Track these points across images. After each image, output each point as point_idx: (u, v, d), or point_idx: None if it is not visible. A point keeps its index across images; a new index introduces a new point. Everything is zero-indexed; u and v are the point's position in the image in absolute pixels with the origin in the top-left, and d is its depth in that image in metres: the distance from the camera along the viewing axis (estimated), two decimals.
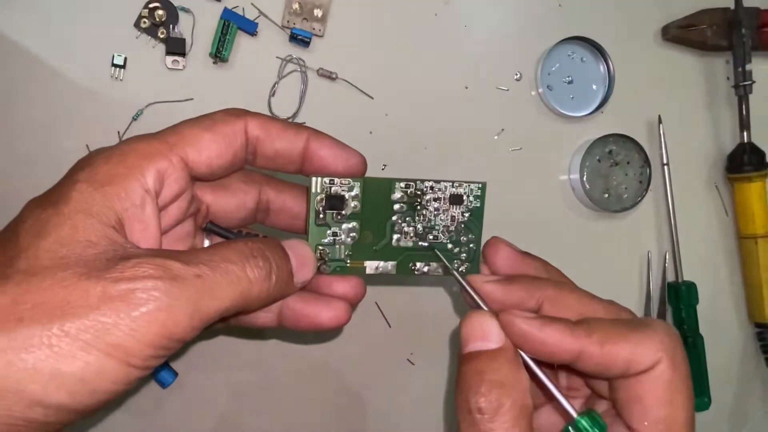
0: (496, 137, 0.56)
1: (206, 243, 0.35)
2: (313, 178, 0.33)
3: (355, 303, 0.35)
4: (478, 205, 0.36)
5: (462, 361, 0.29)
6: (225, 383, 0.50)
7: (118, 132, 0.48)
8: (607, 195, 0.58)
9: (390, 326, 0.54)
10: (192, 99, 0.49)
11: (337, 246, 0.34)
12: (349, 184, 0.33)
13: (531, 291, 0.32)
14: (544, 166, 0.57)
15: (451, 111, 0.55)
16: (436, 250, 0.35)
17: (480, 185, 0.36)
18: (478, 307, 0.32)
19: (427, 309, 0.54)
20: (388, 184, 0.34)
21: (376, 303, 0.53)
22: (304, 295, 0.34)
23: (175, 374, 0.49)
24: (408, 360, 0.54)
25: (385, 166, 0.53)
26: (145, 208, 0.28)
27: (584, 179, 0.56)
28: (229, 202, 0.34)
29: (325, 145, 0.33)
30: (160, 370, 0.48)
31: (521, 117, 0.57)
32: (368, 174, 0.35)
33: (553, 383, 0.29)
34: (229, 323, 0.35)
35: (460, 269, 0.36)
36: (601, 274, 0.56)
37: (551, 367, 0.34)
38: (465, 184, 0.35)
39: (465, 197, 0.35)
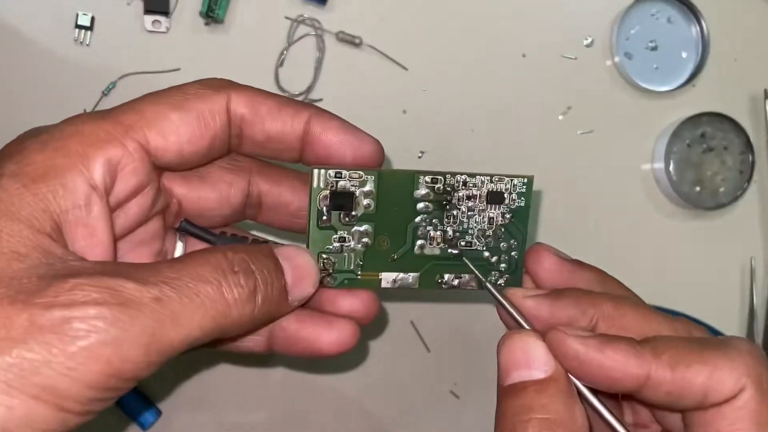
0: (560, 117, 0.55)
1: (179, 247, 0.35)
2: (315, 171, 0.32)
3: (364, 322, 0.35)
4: (522, 204, 0.35)
5: (502, 396, 0.29)
6: (217, 425, 0.49)
7: (84, 110, 0.45)
8: (699, 188, 0.56)
9: (429, 350, 0.53)
10: (178, 69, 0.47)
11: (346, 254, 0.34)
12: (360, 178, 0.33)
13: (583, 307, 0.32)
14: (621, 154, 0.56)
15: (504, 85, 0.54)
16: (464, 259, 0.35)
17: (525, 180, 0.35)
18: (519, 327, 0.32)
19: (475, 330, 0.53)
20: (410, 178, 0.34)
21: (411, 322, 0.52)
22: (301, 313, 0.34)
23: (158, 413, 0.48)
24: (452, 392, 0.53)
25: (422, 153, 0.52)
26: (91, 208, 0.27)
27: (671, 169, 0.55)
28: (209, 195, 0.34)
29: (331, 129, 0.33)
30: (140, 408, 0.47)
31: (592, 92, 0.55)
32: (401, 165, 0.35)
33: (616, 418, 0.29)
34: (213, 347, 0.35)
35: (498, 282, 0.36)
36: (691, 287, 0.55)
37: (613, 397, 0.34)
38: (506, 179, 0.35)
39: (506, 194, 0.35)
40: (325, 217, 0.33)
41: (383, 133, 0.35)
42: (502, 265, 0.36)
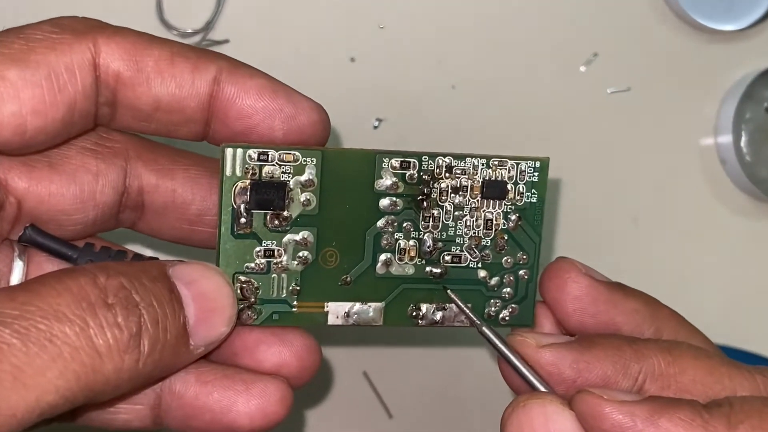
0: (582, 69, 0.56)
1: (17, 268, 0.34)
2: (228, 150, 0.33)
3: (299, 382, 0.35)
4: (534, 199, 0.36)
5: None
6: None
7: None
8: None
9: (391, 416, 0.53)
10: None
11: (275, 275, 0.34)
12: (296, 161, 0.33)
13: (624, 361, 0.33)
14: (671, 122, 0.57)
15: (499, 20, 0.54)
16: (447, 291, 0.36)
17: (537, 164, 0.36)
18: (532, 389, 0.32)
19: (459, 387, 0.54)
20: (370, 161, 0.34)
21: (364, 374, 0.53)
22: (203, 369, 0.34)
23: None
24: None
25: (379, 121, 0.52)
26: None
27: (742, 144, 0.56)
28: (64, 191, 0.34)
29: (251, 90, 0.34)
30: None
31: (629, 32, 0.56)
32: (348, 141, 0.37)
33: None
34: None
35: (500, 316, 0.37)
36: None
37: None
38: (510, 163, 0.36)
39: (510, 185, 0.36)
40: (243, 220, 0.33)
41: (321, 92, 0.36)
42: (506, 290, 0.36)
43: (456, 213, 0.35)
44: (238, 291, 0.34)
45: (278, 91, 0.34)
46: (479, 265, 0.36)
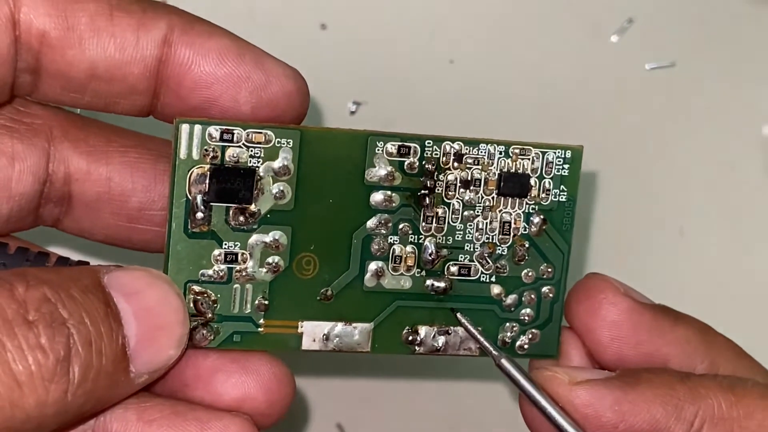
0: (614, 39, 0.56)
1: None
2: (183, 126, 0.33)
3: (266, 421, 0.35)
4: (564, 198, 0.37)
5: None
6: None
7: None
8: None
9: None
10: None
11: (238, 285, 0.35)
12: (268, 142, 0.34)
13: (677, 402, 0.33)
14: (726, 107, 0.57)
15: None
16: (457, 315, 0.36)
17: (568, 153, 0.37)
18: None
19: (465, 428, 0.54)
20: (360, 144, 0.35)
21: (338, 426, 0.53)
22: (149, 404, 0.34)
23: None
24: None
25: (357, 105, 0.53)
26: None
27: None
28: None
29: (211, 52, 0.34)
30: None
31: None
32: (323, 122, 0.37)
33: None
34: None
35: (519, 344, 0.37)
36: None
37: None
38: (535, 151, 0.37)
39: (534, 180, 0.37)
40: (200, 215, 0.34)
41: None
42: (526, 311, 0.37)
43: (465, 213, 0.36)
44: (191, 305, 0.34)
45: (245, 53, 0.34)
46: (493, 279, 0.37)
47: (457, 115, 0.53)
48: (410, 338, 0.36)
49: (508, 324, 0.37)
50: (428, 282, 0.36)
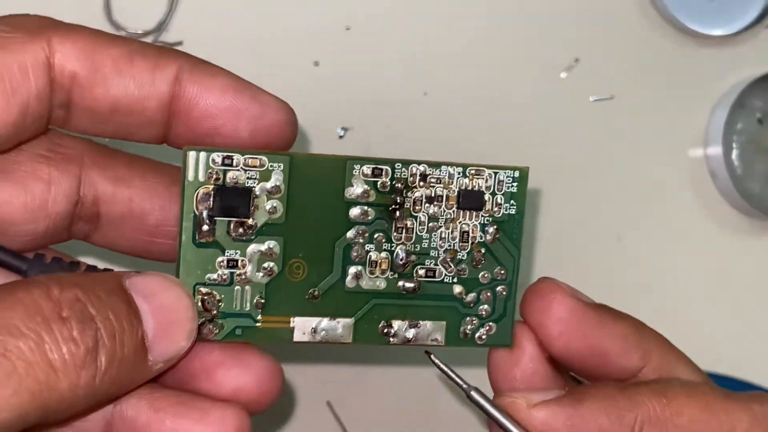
0: (563, 75, 0.57)
1: None
2: (191, 154, 0.33)
3: (258, 408, 0.35)
4: (513, 210, 0.37)
5: None
6: None
7: None
8: None
9: None
10: None
11: (239, 287, 0.34)
12: (262, 166, 0.34)
13: (619, 412, 0.34)
14: (657, 133, 0.57)
15: (476, 24, 0.55)
16: (431, 357, 0.37)
17: (516, 173, 0.37)
18: None
19: (437, 411, 0.54)
20: (340, 168, 0.35)
21: (328, 403, 0.53)
22: (158, 394, 0.34)
23: None
24: None
25: (345, 130, 0.53)
26: None
27: (733, 157, 0.57)
28: (13, 200, 0.34)
29: (214, 89, 0.34)
30: None
31: (613, 36, 0.57)
32: (310, 151, 0.37)
33: None
34: None
35: (477, 335, 0.37)
36: (764, 324, 0.57)
37: None
38: (488, 172, 0.36)
39: (488, 196, 0.36)
40: (206, 228, 0.33)
41: (282, 99, 0.36)
42: (483, 307, 0.37)
43: (430, 224, 0.36)
44: (199, 303, 0.34)
45: (243, 89, 0.34)
46: (455, 280, 0.36)
47: (430, 138, 0.53)
48: (385, 331, 0.36)
49: (468, 318, 0.37)
50: (400, 283, 0.36)
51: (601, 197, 0.57)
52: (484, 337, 0.37)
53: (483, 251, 0.36)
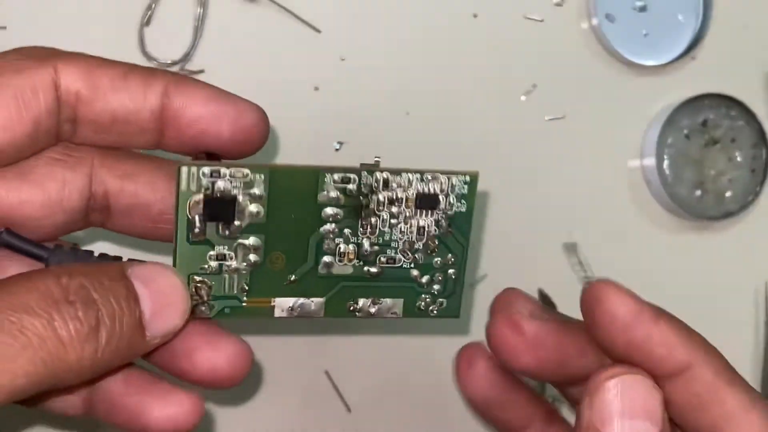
0: (523, 98, 0.56)
1: None
2: (183, 169, 0.33)
3: (228, 384, 0.36)
4: (464, 209, 0.37)
5: None
6: None
7: None
8: (700, 192, 0.57)
9: (350, 410, 0.53)
10: (4, 28, 0.48)
11: (227, 275, 0.35)
12: (245, 177, 0.34)
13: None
14: (600, 147, 0.57)
15: (450, 55, 0.55)
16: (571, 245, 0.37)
17: (467, 178, 0.36)
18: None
19: (414, 377, 0.54)
20: (313, 177, 0.35)
21: (326, 373, 0.53)
22: (134, 372, 0.35)
23: None
24: None
25: (341, 144, 0.53)
26: None
27: (665, 167, 0.56)
28: (33, 199, 0.35)
29: (197, 99, 0.35)
30: None
31: (563, 66, 0.57)
32: (311, 159, 0.36)
33: None
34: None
35: (430, 309, 0.38)
36: (692, 320, 0.54)
37: None
38: (442, 177, 0.36)
39: (442, 197, 0.36)
40: (197, 229, 0.34)
41: (287, 118, 0.36)
42: (436, 287, 0.37)
43: (392, 221, 0.36)
44: (193, 289, 0.34)
45: (222, 97, 0.35)
46: (412, 266, 0.37)
47: (408, 152, 0.51)
48: (352, 308, 0.36)
49: (423, 296, 0.37)
50: (365, 268, 0.36)
51: (551, 202, 0.56)
52: (436, 311, 0.37)
53: (437, 242, 0.37)
